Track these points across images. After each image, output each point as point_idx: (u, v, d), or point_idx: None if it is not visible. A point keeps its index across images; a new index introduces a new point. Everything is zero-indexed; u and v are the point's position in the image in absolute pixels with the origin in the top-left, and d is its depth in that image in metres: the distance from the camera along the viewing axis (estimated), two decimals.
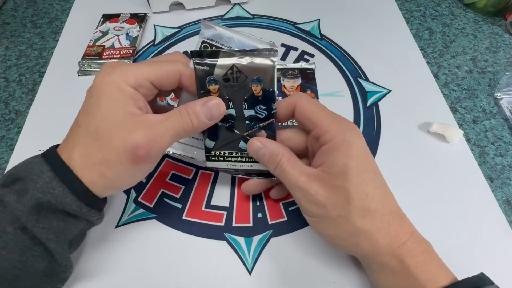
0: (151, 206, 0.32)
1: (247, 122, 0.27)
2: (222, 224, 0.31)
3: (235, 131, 0.27)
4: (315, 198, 0.24)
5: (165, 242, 0.30)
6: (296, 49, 0.46)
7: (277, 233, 0.31)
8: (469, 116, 0.40)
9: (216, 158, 0.29)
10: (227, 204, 0.33)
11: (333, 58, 0.45)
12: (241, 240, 0.31)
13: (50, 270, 0.24)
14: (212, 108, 0.25)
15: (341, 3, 0.51)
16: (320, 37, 0.47)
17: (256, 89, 0.26)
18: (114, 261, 0.29)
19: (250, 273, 0.29)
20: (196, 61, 0.25)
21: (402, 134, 0.38)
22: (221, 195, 0.33)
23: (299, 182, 0.25)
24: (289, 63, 0.43)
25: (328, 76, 0.42)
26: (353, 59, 0.44)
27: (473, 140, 0.38)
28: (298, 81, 0.41)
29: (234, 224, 0.31)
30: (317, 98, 0.40)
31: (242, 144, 0.28)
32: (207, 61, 0.25)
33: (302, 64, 0.43)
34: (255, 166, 0.28)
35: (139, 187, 0.33)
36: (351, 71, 0.43)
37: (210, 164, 0.29)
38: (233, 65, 0.25)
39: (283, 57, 0.45)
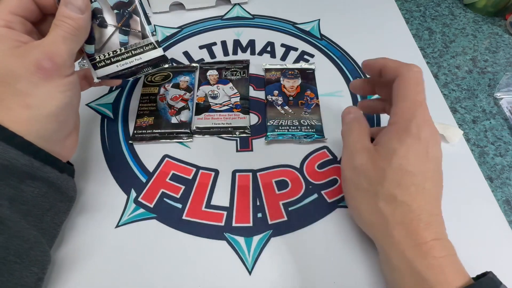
0: (151, 206, 0.32)
1: (115, 11, 0.27)
2: (222, 224, 0.31)
3: (108, 24, 0.27)
4: (357, 164, 0.27)
5: (165, 242, 0.30)
6: (296, 49, 0.46)
7: (277, 233, 0.31)
8: (469, 116, 0.40)
9: (103, 63, 0.28)
10: (227, 204, 0.33)
11: (333, 58, 0.45)
12: (241, 240, 0.31)
13: (12, 244, 0.23)
14: (73, 1, 0.25)
15: (341, 3, 0.51)
16: (320, 37, 0.47)
17: None
18: (114, 261, 0.29)
19: (250, 273, 0.29)
20: None
21: None
22: (221, 195, 0.33)
23: (352, 146, 0.28)
24: (289, 63, 0.43)
25: (328, 76, 0.42)
26: (353, 59, 0.44)
27: (473, 140, 0.38)
28: (298, 81, 0.41)
29: (234, 224, 0.31)
30: (317, 98, 0.40)
31: (121, 37, 0.27)
32: None
33: (302, 64, 0.43)
34: (144, 58, 0.28)
35: (139, 187, 0.33)
36: (351, 71, 0.43)
37: (100, 72, 0.28)
38: None
39: (283, 57, 0.45)
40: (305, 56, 0.45)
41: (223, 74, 0.42)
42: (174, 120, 0.37)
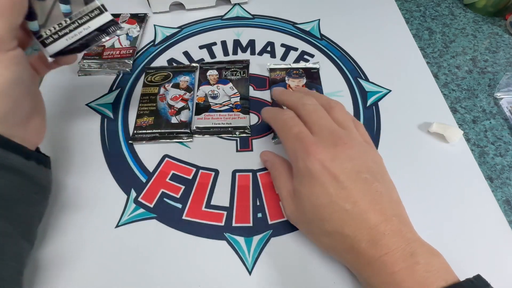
0: (151, 206, 0.32)
1: None
2: (222, 224, 0.31)
3: None
4: (288, 212, 0.29)
5: (165, 242, 0.30)
6: (296, 49, 0.46)
7: (277, 233, 0.31)
8: (469, 116, 0.40)
9: (51, 39, 0.26)
10: (227, 204, 0.33)
11: (333, 58, 0.45)
12: (241, 240, 0.31)
13: None
14: None
15: (341, 3, 0.51)
16: (320, 37, 0.47)
17: None
18: (114, 261, 0.29)
19: (250, 273, 0.29)
20: None
21: (402, 134, 0.38)
22: (221, 195, 0.33)
23: (280, 195, 0.30)
24: (293, 63, 0.43)
25: (328, 76, 0.42)
26: (353, 59, 0.44)
27: (473, 140, 0.38)
28: (303, 81, 0.41)
29: (234, 224, 0.31)
30: None
31: (63, 7, 0.26)
32: None
33: (307, 64, 0.43)
34: (92, 26, 0.27)
35: (139, 187, 0.33)
36: (351, 71, 0.43)
37: (51, 49, 0.27)
38: None
39: (283, 57, 0.45)
40: (305, 56, 0.45)
41: (223, 74, 0.42)
42: (174, 120, 0.37)
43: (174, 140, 0.37)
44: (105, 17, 0.27)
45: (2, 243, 0.24)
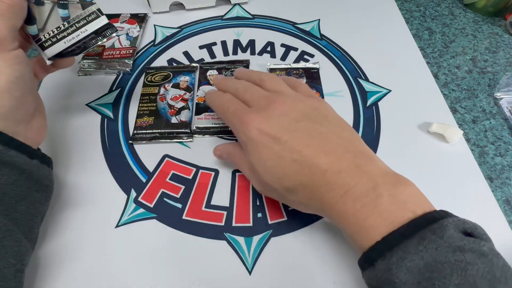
0: (151, 206, 0.32)
1: None
2: (222, 224, 0.31)
3: (45, 1, 0.27)
4: (254, 185, 0.30)
5: (165, 242, 0.30)
6: (296, 49, 0.46)
7: (277, 233, 0.31)
8: (469, 116, 0.40)
9: (50, 42, 0.28)
10: (227, 204, 0.33)
11: (333, 58, 0.45)
12: (241, 240, 0.31)
13: None
14: None
15: (341, 3, 0.51)
16: (320, 37, 0.47)
17: None
18: (114, 261, 0.29)
19: (250, 273, 0.29)
20: None
21: (402, 134, 0.38)
22: (221, 195, 0.33)
23: (245, 173, 0.30)
24: (292, 63, 0.43)
25: (328, 76, 0.42)
26: (353, 59, 0.44)
27: (472, 140, 0.38)
28: (303, 81, 0.41)
29: (234, 224, 0.31)
30: (323, 97, 0.40)
31: (61, 12, 0.27)
32: None
33: (307, 64, 0.43)
34: (89, 29, 0.28)
35: (139, 187, 0.33)
36: (351, 71, 0.43)
37: (49, 52, 0.28)
38: None
39: (283, 57, 0.45)
40: (305, 56, 0.45)
41: (223, 74, 0.42)
42: (174, 120, 0.37)
43: (174, 140, 0.37)
44: (101, 21, 0.28)
45: (3, 240, 0.24)
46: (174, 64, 0.44)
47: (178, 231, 0.31)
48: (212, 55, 0.45)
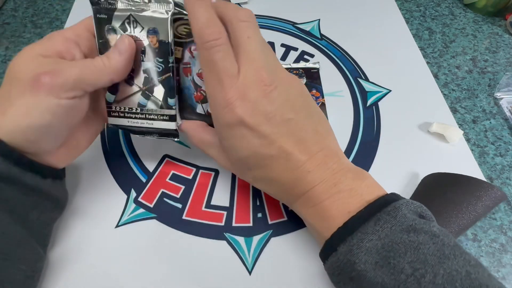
0: (151, 206, 0.32)
1: (145, 75, 0.27)
2: (222, 224, 0.31)
3: (134, 83, 0.27)
4: (216, 161, 0.29)
5: (165, 242, 0.30)
6: (296, 49, 0.46)
7: (277, 233, 0.31)
8: (469, 116, 0.40)
9: (117, 114, 0.28)
10: (227, 204, 0.33)
11: (333, 58, 0.45)
12: (241, 240, 0.31)
13: None
14: (118, 43, 0.25)
15: (341, 3, 0.51)
16: (320, 37, 0.47)
17: (153, 40, 0.26)
18: (114, 261, 0.29)
19: (250, 273, 0.29)
20: (96, 7, 0.26)
21: (402, 134, 0.38)
22: (221, 195, 0.33)
23: (208, 151, 0.29)
24: (292, 63, 0.43)
25: (328, 76, 0.42)
26: (353, 59, 0.44)
27: (473, 140, 0.38)
28: (303, 81, 0.41)
29: (234, 224, 0.31)
30: (323, 97, 0.40)
31: (141, 99, 0.28)
32: (105, 5, 0.26)
33: (307, 64, 0.43)
34: (155, 125, 0.28)
35: (139, 187, 0.33)
36: (351, 71, 0.43)
37: (111, 120, 0.29)
38: (130, 14, 0.26)
39: (283, 57, 0.45)
40: (305, 56, 0.45)
41: None
42: (199, 108, 0.29)
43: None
44: (169, 125, 0.29)
45: (16, 248, 0.24)
46: None
47: (178, 231, 0.31)
48: None
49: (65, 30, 0.26)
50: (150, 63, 0.27)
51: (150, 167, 0.35)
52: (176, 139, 0.30)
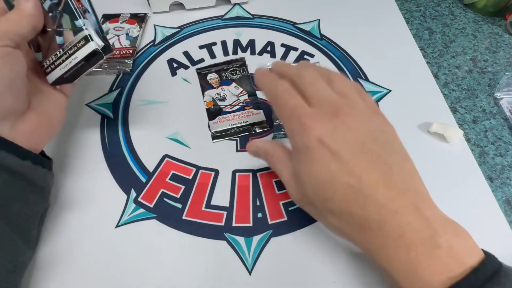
0: (151, 206, 0.32)
1: (50, 14, 0.27)
2: (222, 224, 0.31)
3: (47, 29, 0.28)
4: (292, 195, 0.27)
5: (165, 242, 0.30)
6: (296, 49, 0.46)
7: (277, 233, 0.31)
8: (469, 116, 0.40)
9: (50, 69, 0.29)
10: (227, 204, 0.33)
11: (333, 58, 0.45)
12: (241, 240, 0.31)
13: None
14: None
15: (341, 3, 0.51)
16: (320, 37, 0.47)
17: None
18: (114, 261, 0.29)
19: (250, 273, 0.29)
20: None
21: (402, 134, 0.37)
22: (221, 195, 0.33)
23: (283, 178, 0.28)
24: (292, 63, 0.43)
25: None
26: (353, 59, 0.44)
27: (473, 140, 0.38)
28: None
29: (234, 224, 0.31)
30: None
31: (58, 39, 0.28)
32: None
33: None
34: (79, 55, 0.28)
35: (139, 187, 0.33)
36: (351, 71, 0.43)
37: (49, 78, 0.29)
38: None
39: (283, 57, 0.45)
40: (305, 56, 0.45)
41: (223, 75, 0.42)
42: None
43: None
44: (90, 47, 0.28)
45: None
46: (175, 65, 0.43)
47: (178, 231, 0.31)
48: (212, 55, 0.45)
49: None
50: (48, 1, 0.27)
51: (150, 167, 0.35)
52: (101, 60, 0.29)
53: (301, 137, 0.24)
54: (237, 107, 0.39)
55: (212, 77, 0.42)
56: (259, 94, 0.41)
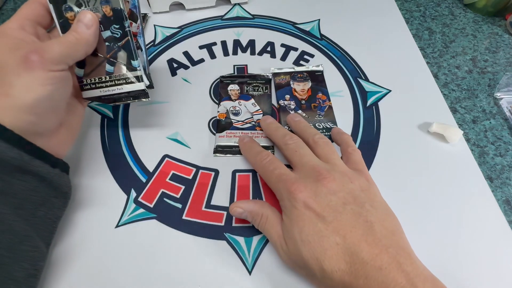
0: (151, 206, 0.32)
1: (106, 44, 0.30)
2: (222, 224, 0.31)
3: (98, 54, 0.30)
4: (282, 258, 0.28)
5: (165, 242, 0.30)
6: (296, 49, 0.46)
7: None
8: (469, 116, 0.40)
9: (89, 87, 0.31)
10: (227, 204, 0.33)
11: (333, 58, 0.45)
12: (241, 240, 0.31)
13: (2, 237, 0.23)
14: (82, 18, 0.28)
15: (341, 3, 0.52)
16: (320, 37, 0.47)
17: (106, 10, 0.29)
18: (114, 261, 0.29)
19: (250, 273, 0.29)
20: None
21: (402, 134, 0.38)
22: (221, 195, 0.33)
23: (272, 239, 0.28)
24: (296, 66, 0.43)
25: (328, 76, 0.42)
26: (353, 59, 0.45)
27: (473, 140, 0.38)
28: (308, 84, 0.41)
29: (234, 224, 0.31)
30: (329, 100, 0.40)
31: (108, 67, 0.30)
32: None
33: (310, 67, 0.43)
34: (125, 89, 0.31)
35: (139, 187, 0.34)
36: (351, 71, 0.43)
37: (85, 94, 0.31)
38: None
39: (283, 58, 0.45)
40: (305, 56, 0.45)
41: (245, 89, 0.40)
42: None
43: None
44: (138, 86, 0.31)
45: (20, 245, 0.24)
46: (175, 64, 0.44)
47: (178, 231, 0.31)
48: (212, 55, 0.45)
49: (15, 17, 0.27)
50: (108, 32, 0.29)
51: (150, 167, 0.35)
52: (147, 99, 0.32)
53: (289, 199, 0.27)
54: (249, 125, 0.37)
55: (233, 88, 0.40)
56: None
